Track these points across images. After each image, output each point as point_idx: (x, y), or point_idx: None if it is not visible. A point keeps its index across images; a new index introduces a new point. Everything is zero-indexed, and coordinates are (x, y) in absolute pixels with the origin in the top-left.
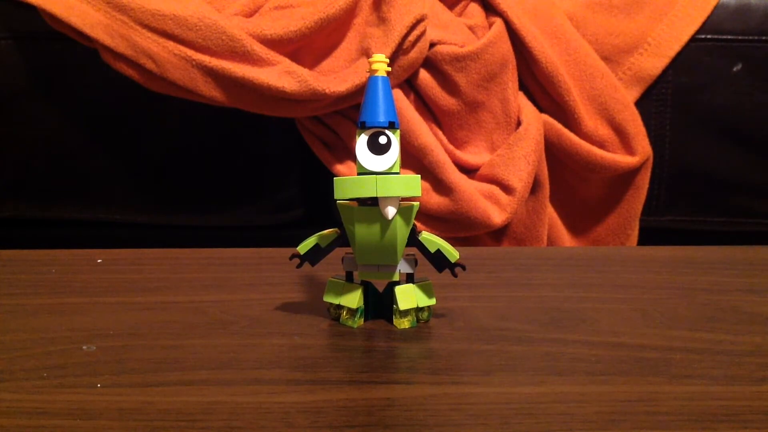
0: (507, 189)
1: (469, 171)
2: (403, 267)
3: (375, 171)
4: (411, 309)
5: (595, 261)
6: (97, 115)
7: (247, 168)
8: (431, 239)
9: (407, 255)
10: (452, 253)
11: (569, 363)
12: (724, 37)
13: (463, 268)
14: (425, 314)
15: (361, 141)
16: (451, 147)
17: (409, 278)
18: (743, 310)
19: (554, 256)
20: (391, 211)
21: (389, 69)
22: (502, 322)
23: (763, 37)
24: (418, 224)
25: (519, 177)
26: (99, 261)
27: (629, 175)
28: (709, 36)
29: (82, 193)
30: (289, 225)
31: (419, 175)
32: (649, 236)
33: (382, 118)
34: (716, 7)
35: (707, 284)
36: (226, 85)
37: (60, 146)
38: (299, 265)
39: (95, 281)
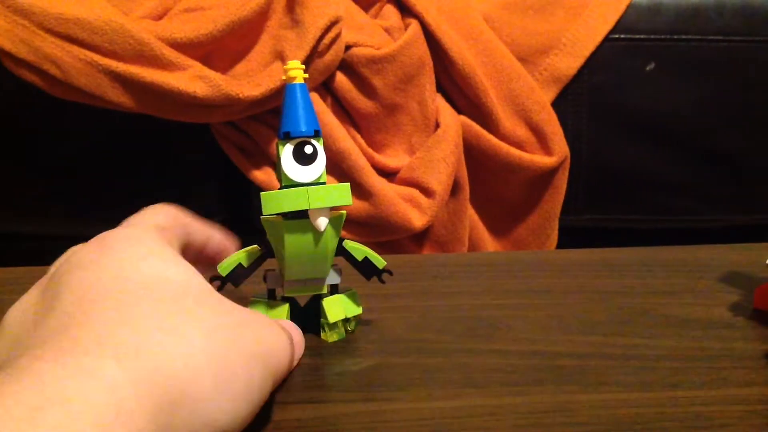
0: (427, 192)
1: (388, 174)
2: (330, 278)
3: (303, 182)
4: (340, 321)
5: (512, 266)
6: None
7: (163, 176)
8: (357, 247)
9: (332, 265)
10: (379, 259)
11: (484, 374)
12: (637, 36)
13: (390, 273)
14: (352, 324)
15: (287, 152)
16: (369, 150)
17: (334, 289)
18: (658, 313)
19: (471, 262)
20: (323, 222)
21: (306, 75)
22: (417, 333)
23: (675, 36)
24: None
25: (438, 179)
26: None
27: (547, 176)
28: (622, 36)
29: None
30: None
31: (348, 184)
32: (569, 235)
33: (305, 127)
34: (628, 7)
35: (622, 287)
36: (135, 90)
37: None
38: (220, 288)
39: None
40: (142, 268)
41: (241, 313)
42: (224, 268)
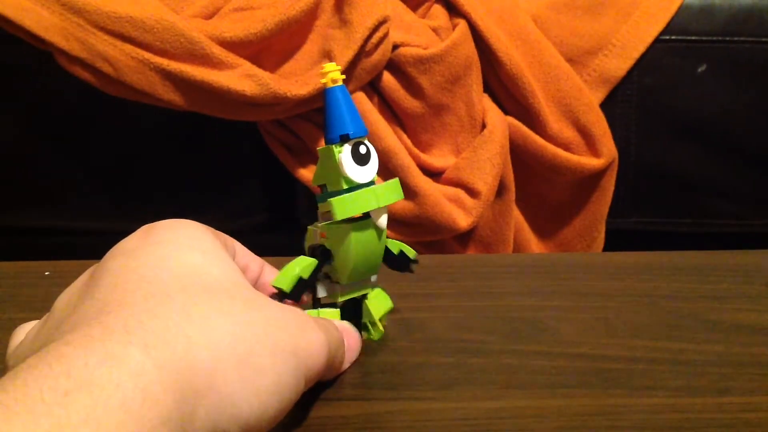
0: (472, 192)
1: (433, 174)
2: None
3: (363, 183)
4: (385, 315)
5: (557, 268)
6: (52, 119)
7: (208, 172)
8: (391, 241)
9: None
10: (411, 251)
11: (529, 376)
12: (689, 37)
13: (416, 262)
14: (384, 320)
15: (346, 154)
16: (415, 150)
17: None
18: (705, 318)
19: (516, 263)
20: (385, 220)
21: (344, 76)
22: (461, 334)
23: (727, 38)
24: None
25: (484, 180)
26: (47, 273)
27: (595, 177)
28: (673, 37)
29: (36, 200)
30: (254, 230)
31: (398, 179)
32: (615, 238)
33: (361, 128)
34: (680, 8)
35: (670, 291)
36: (185, 88)
37: (14, 151)
38: (281, 300)
39: (41, 295)
40: (181, 260)
41: (275, 310)
42: (286, 283)
